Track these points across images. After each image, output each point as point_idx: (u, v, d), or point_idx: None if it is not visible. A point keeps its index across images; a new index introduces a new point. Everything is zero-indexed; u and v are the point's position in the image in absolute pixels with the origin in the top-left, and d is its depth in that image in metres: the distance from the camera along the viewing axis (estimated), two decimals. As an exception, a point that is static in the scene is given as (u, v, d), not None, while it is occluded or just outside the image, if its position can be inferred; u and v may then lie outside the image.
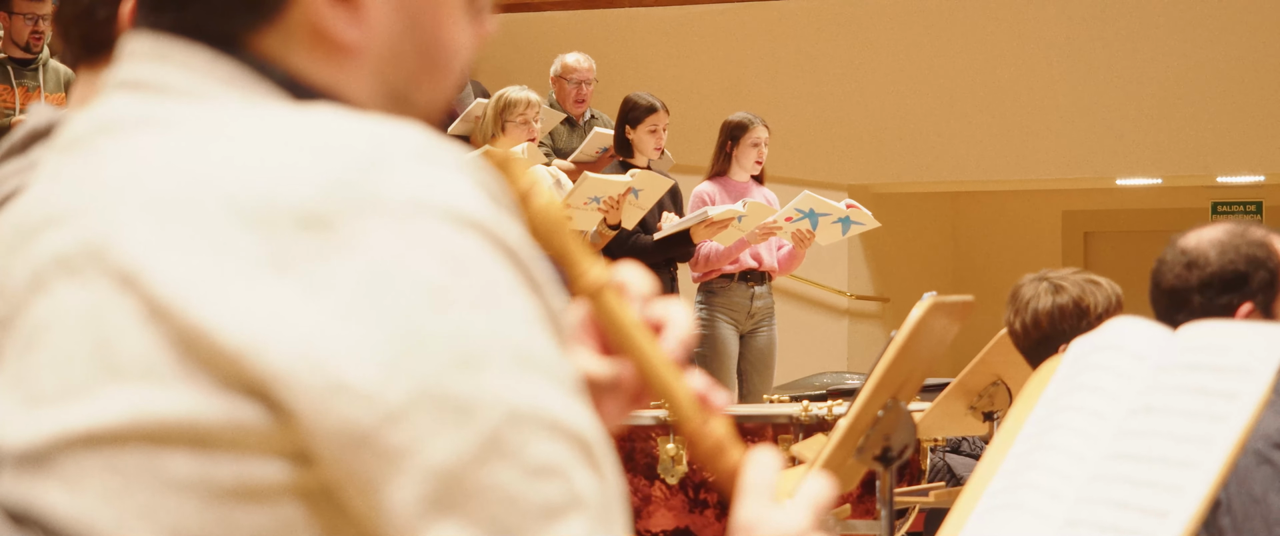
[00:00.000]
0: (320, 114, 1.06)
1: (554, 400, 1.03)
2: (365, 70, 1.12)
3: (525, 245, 1.06)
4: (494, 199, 1.05)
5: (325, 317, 0.99)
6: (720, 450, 1.21)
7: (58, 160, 1.12)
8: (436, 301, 1.00)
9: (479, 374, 1.01)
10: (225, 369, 1.00)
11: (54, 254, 1.06)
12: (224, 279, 1.00)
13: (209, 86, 1.09)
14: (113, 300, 1.03)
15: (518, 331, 1.03)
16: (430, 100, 1.16)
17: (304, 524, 1.02)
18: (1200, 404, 1.65)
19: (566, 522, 1.02)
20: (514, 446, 1.01)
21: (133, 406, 1.02)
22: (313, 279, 1.00)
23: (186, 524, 1.01)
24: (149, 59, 1.11)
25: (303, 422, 1.00)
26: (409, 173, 1.02)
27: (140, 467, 1.02)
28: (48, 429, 1.04)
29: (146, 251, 1.02)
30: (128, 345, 1.02)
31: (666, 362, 1.22)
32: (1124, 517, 1.62)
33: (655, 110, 7.47)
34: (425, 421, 0.99)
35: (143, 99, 1.10)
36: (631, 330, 1.22)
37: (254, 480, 1.01)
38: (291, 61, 1.11)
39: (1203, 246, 2.93)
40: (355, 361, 0.99)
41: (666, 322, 1.24)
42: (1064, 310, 3.76)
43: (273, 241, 1.00)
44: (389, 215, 1.01)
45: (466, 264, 1.02)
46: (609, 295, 1.22)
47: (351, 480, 1.00)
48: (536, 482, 1.01)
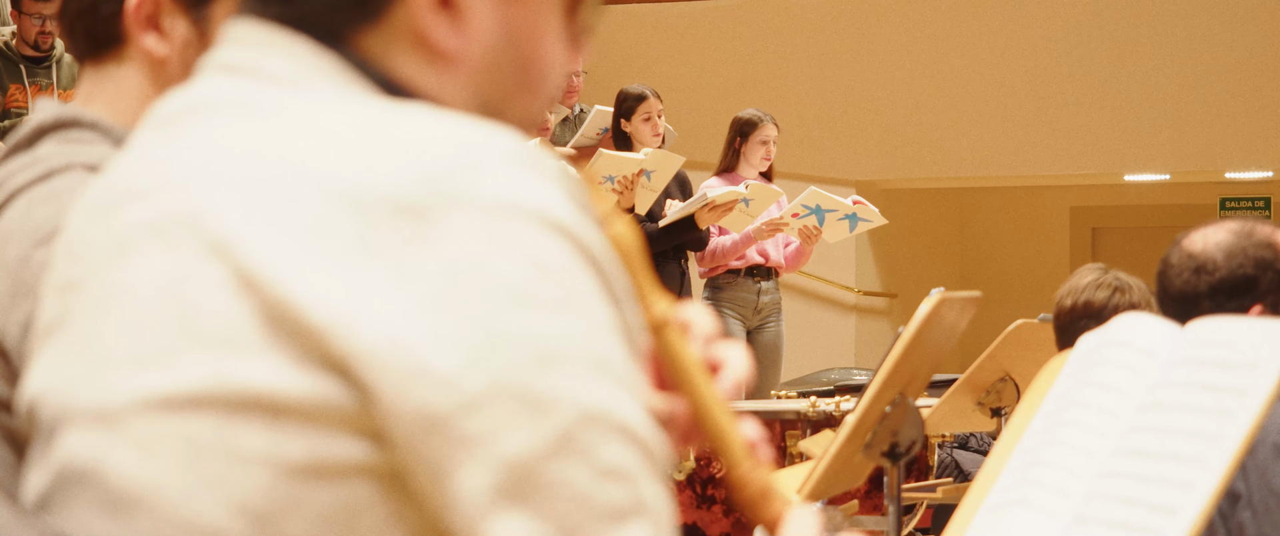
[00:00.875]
0: (418, 110, 1.08)
1: (626, 406, 1.05)
2: (461, 79, 1.15)
3: (608, 255, 1.08)
4: (581, 208, 1.07)
5: (413, 303, 1.02)
6: (764, 498, 1.23)
7: (149, 136, 1.14)
8: (520, 299, 1.03)
9: (556, 372, 1.03)
10: (310, 343, 1.02)
11: (142, 221, 1.08)
12: (317, 256, 1.03)
13: (309, 76, 1.11)
14: (201, 267, 1.05)
15: (595, 336, 1.05)
16: (521, 115, 1.19)
17: (370, 505, 1.04)
18: (1209, 400, 1.65)
19: (630, 526, 1.04)
20: (585, 445, 1.03)
21: (213, 373, 1.03)
22: (403, 265, 1.02)
23: (253, 497, 1.03)
24: (252, 45, 1.13)
25: (381, 403, 1.01)
26: (504, 174, 1.05)
27: (213, 436, 1.03)
28: (124, 390, 1.05)
29: (241, 224, 1.04)
30: (212, 312, 1.04)
31: (721, 404, 1.24)
32: (1133, 514, 1.62)
33: (645, 98, 7.45)
34: (501, 413, 1.02)
35: (241, 82, 1.12)
36: (690, 369, 1.24)
37: (325, 457, 1.03)
38: (391, 63, 1.13)
39: (1210, 250, 2.91)
40: (438, 348, 1.01)
41: (724, 364, 1.27)
42: (1117, 308, 3.76)
43: (367, 226, 1.03)
44: (481, 212, 1.03)
45: (551, 266, 1.04)
46: (671, 332, 1.24)
47: (423, 464, 1.02)
48: (605, 484, 1.04)
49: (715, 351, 1.28)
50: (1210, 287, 2.90)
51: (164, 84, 1.77)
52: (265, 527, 1.03)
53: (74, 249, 1.14)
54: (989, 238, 12.28)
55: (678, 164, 7.18)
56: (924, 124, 10.30)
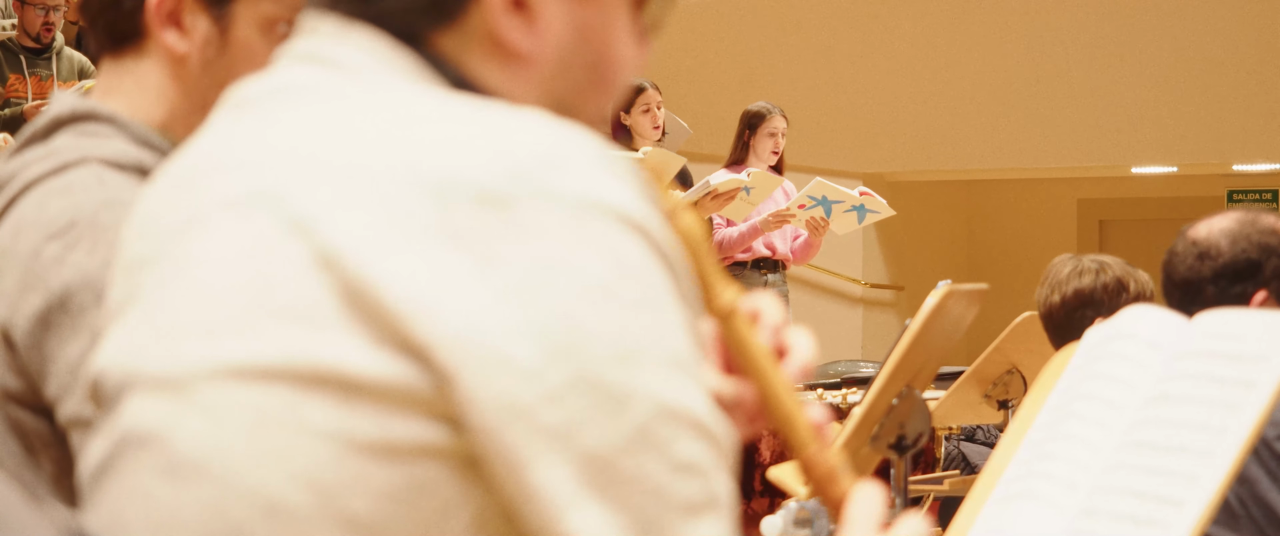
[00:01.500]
0: (501, 107, 1.10)
1: (699, 402, 1.07)
2: (534, 79, 1.17)
3: (679, 254, 1.10)
4: (656, 209, 1.09)
5: (496, 294, 1.03)
6: (832, 479, 1.25)
7: (228, 117, 1.16)
8: (602, 295, 1.04)
9: (635, 368, 1.05)
10: (388, 326, 1.03)
11: (222, 197, 1.10)
12: (399, 241, 1.04)
13: (387, 71, 1.12)
14: (281, 242, 1.06)
15: (671, 334, 1.07)
16: (593, 113, 1.21)
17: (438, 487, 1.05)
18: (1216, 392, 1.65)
19: (705, 519, 1.06)
20: (663, 440, 1.05)
21: (287, 346, 1.05)
22: (486, 255, 1.03)
23: (319, 470, 1.04)
24: (331, 37, 1.15)
25: (461, 390, 1.03)
26: (586, 173, 1.06)
27: (283, 408, 1.04)
28: (195, 358, 1.07)
29: (323, 204, 1.06)
30: (291, 287, 1.05)
31: (788, 389, 1.26)
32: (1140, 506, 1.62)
33: (644, 90, 7.43)
34: (582, 405, 1.03)
35: (320, 71, 1.13)
36: (757, 355, 1.26)
37: (394, 437, 1.04)
38: (466, 63, 1.15)
39: (1214, 236, 2.93)
40: (520, 338, 1.03)
41: (790, 349, 1.29)
42: (1107, 286, 3.78)
43: (450, 214, 1.04)
44: (564, 208, 1.05)
45: (631, 265, 1.06)
46: (739, 319, 1.26)
47: (501, 454, 1.03)
48: (681, 478, 1.05)
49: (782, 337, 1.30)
50: (1213, 273, 2.91)
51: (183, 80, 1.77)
52: (329, 501, 1.04)
53: (145, 227, 1.16)
54: (996, 230, 12.27)
55: (679, 164, 7.18)
56: (931, 116, 10.29)
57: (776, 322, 1.30)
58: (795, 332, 1.30)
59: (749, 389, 1.26)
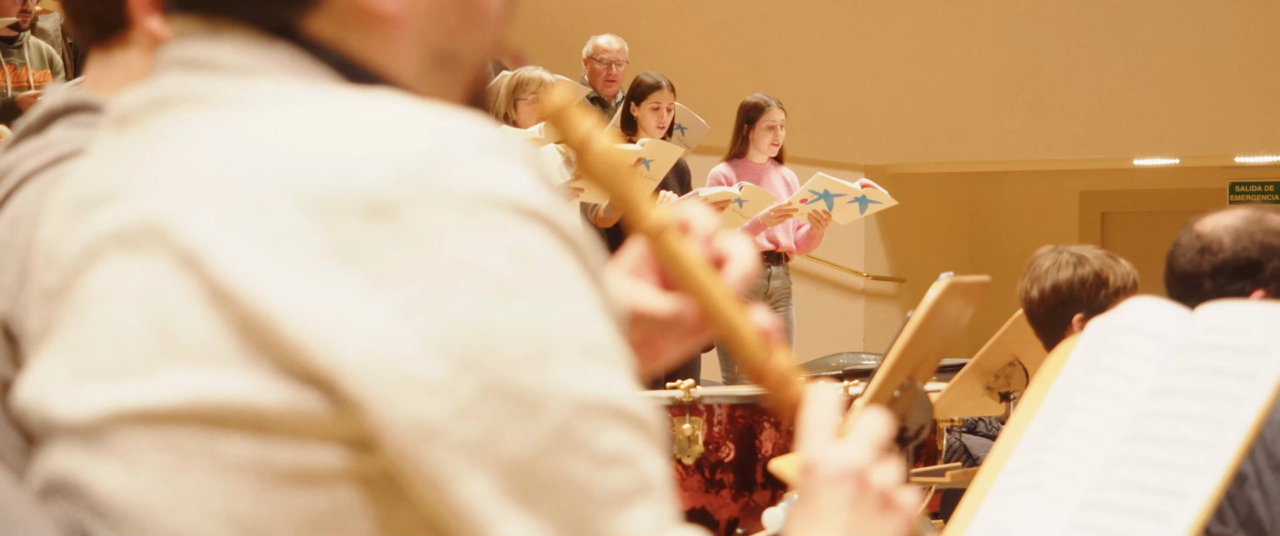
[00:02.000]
0: (383, 102, 1.06)
1: (619, 387, 1.05)
2: (410, 36, 1.13)
3: (583, 233, 1.07)
4: (555, 190, 1.06)
5: (393, 311, 1.00)
6: (784, 383, 1.24)
7: (112, 135, 1.12)
8: (504, 295, 1.01)
9: (547, 366, 1.02)
10: (288, 357, 1.00)
11: (111, 228, 1.06)
12: (290, 267, 1.00)
13: (264, 67, 1.09)
14: (173, 279, 1.03)
15: (583, 322, 1.04)
16: (477, 49, 1.17)
17: (359, 509, 1.03)
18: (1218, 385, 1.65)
19: (637, 508, 1.04)
20: (584, 437, 1.02)
21: (193, 387, 1.02)
22: (380, 271, 1.00)
23: (241, 506, 1.02)
24: (202, 39, 1.11)
25: (370, 416, 1.00)
26: (474, 165, 1.03)
27: (197, 448, 1.02)
28: (103, 403, 1.04)
29: (210, 234, 1.02)
30: (188, 326, 1.02)
31: (728, 298, 1.24)
32: (1142, 499, 1.62)
33: (659, 88, 7.46)
34: (496, 415, 1.01)
35: (198, 77, 1.10)
36: (692, 267, 1.23)
37: (311, 465, 1.02)
38: (341, 41, 1.11)
39: (1218, 232, 2.92)
40: (424, 355, 1.00)
41: (729, 258, 1.26)
42: (1084, 281, 3.77)
43: (338, 231, 1.01)
44: (455, 208, 1.01)
45: (532, 256, 1.03)
46: (670, 235, 1.23)
47: (421, 474, 1.01)
48: (606, 471, 1.03)
49: (718, 246, 1.26)
50: (1213, 268, 2.91)
51: None
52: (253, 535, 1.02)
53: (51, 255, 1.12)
54: (998, 222, 12.27)
55: (677, 154, 7.18)
56: (933, 108, 10.29)
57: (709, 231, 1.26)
58: (732, 239, 1.27)
59: (689, 303, 1.24)
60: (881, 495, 1.20)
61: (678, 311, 1.25)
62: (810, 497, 1.19)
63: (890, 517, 1.20)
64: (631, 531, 1.04)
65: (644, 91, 7.48)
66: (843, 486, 1.19)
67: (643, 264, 1.27)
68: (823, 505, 1.18)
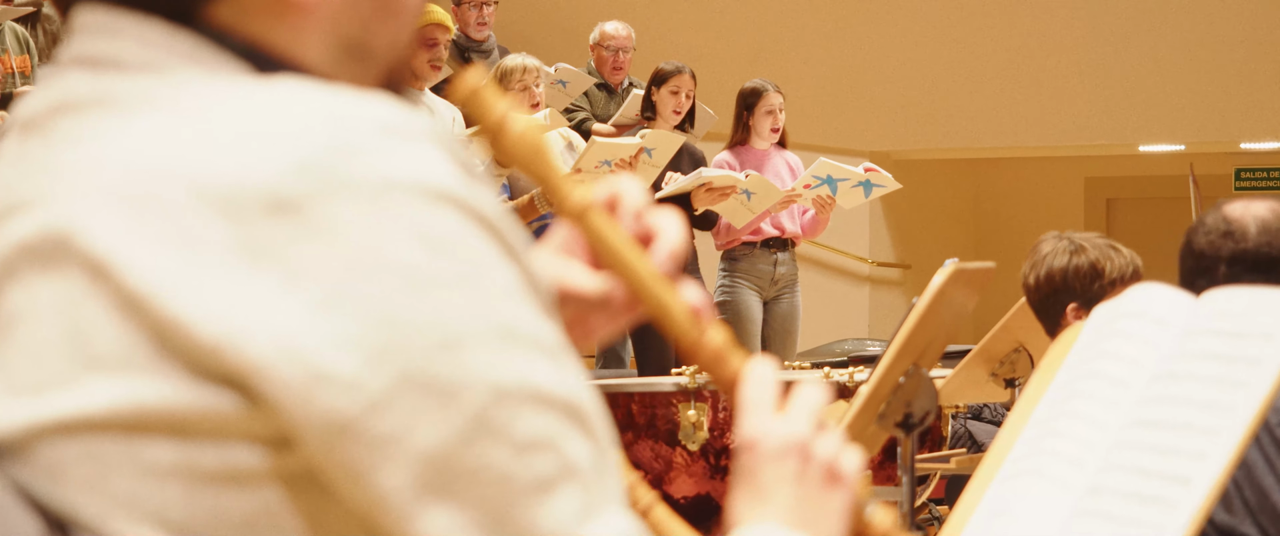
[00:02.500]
0: (284, 90, 1.04)
1: (539, 371, 1.03)
2: (320, 24, 1.10)
3: (499, 211, 1.04)
4: (465, 168, 1.04)
5: (302, 307, 0.98)
6: (720, 359, 1.22)
7: (16, 142, 1.10)
8: (414, 283, 0.99)
9: (462, 354, 1.00)
10: (202, 360, 0.99)
11: (21, 243, 1.04)
12: (196, 270, 0.99)
13: (167, 60, 1.07)
14: (85, 290, 1.01)
15: (499, 305, 1.02)
16: (391, 41, 1.14)
17: (288, 507, 1.02)
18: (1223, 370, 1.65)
19: (559, 493, 1.02)
20: (501, 424, 1.01)
21: (110, 395, 1.01)
22: (288, 266, 0.99)
23: (169, 510, 1.01)
24: (103, 33, 1.09)
25: (286, 413, 0.99)
26: (377, 150, 1.01)
27: (120, 455, 1.01)
28: (25, 418, 1.03)
29: (116, 242, 1.01)
30: (103, 336, 1.01)
31: (656, 276, 1.21)
32: (1146, 484, 1.62)
33: (679, 73, 7.51)
34: (410, 407, 0.99)
35: (98, 76, 1.08)
36: (618, 247, 1.22)
37: (236, 466, 1.01)
38: (246, 28, 1.09)
39: (1244, 219, 2.90)
40: (336, 350, 0.98)
41: (657, 234, 1.24)
42: (1079, 270, 3.77)
43: (243, 229, 0.99)
44: (360, 196, 0.99)
45: (443, 241, 1.01)
46: (593, 215, 1.21)
47: (340, 468, 1.00)
48: (526, 458, 1.01)
49: (647, 222, 1.24)
50: (1232, 254, 2.89)
51: None
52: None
53: None
54: (1003, 208, 12.26)
55: (677, 143, 7.18)
56: (938, 94, 10.28)
57: (639, 207, 1.24)
58: (662, 215, 1.24)
59: (616, 283, 1.22)
60: (826, 467, 1.17)
61: (607, 290, 1.22)
62: (753, 474, 1.17)
63: (836, 490, 1.18)
64: (554, 518, 1.02)
65: (665, 76, 7.54)
66: (785, 461, 1.17)
67: (573, 242, 1.25)
68: (766, 481, 1.17)
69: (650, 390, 5.30)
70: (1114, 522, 1.63)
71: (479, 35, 8.40)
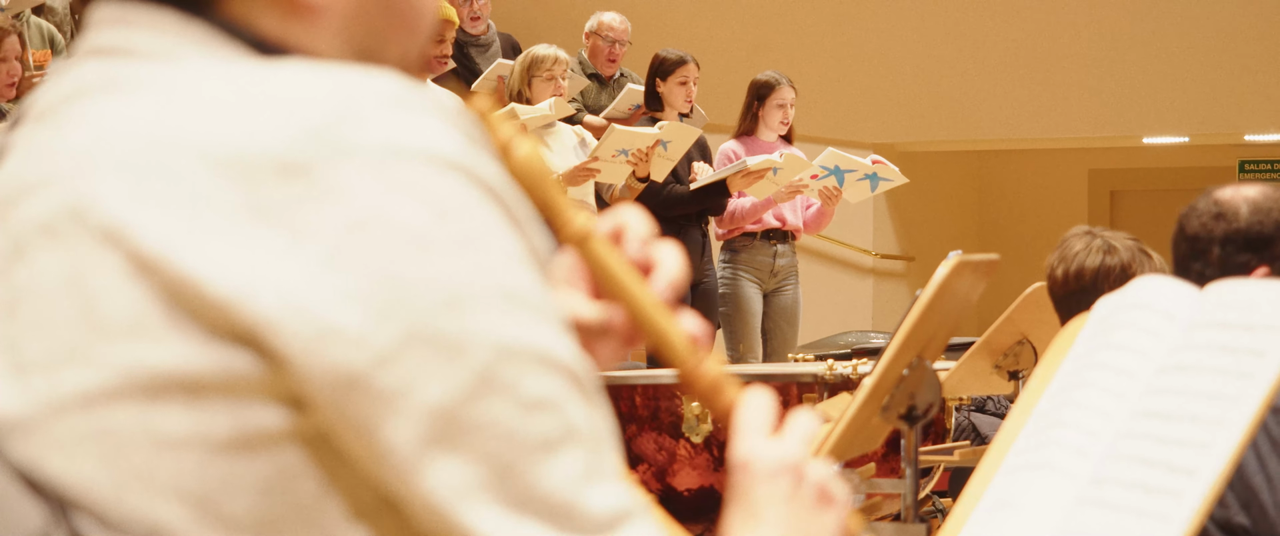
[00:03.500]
0: (291, 66, 1.06)
1: (543, 335, 1.04)
2: (331, 29, 1.12)
3: (504, 182, 1.06)
4: (470, 139, 1.05)
5: (311, 264, 1.00)
6: (717, 389, 1.23)
7: (30, 131, 1.12)
8: (420, 244, 1.01)
9: (467, 313, 1.02)
10: (214, 318, 1.01)
11: (34, 220, 1.06)
12: (207, 229, 1.01)
13: (179, 47, 1.09)
14: (96, 258, 1.03)
15: (503, 269, 1.04)
16: (401, 54, 1.16)
17: (304, 470, 1.03)
18: (1228, 361, 1.65)
19: (563, 454, 1.04)
20: (506, 381, 1.02)
21: (123, 363, 1.02)
22: (296, 226, 1.00)
23: (185, 481, 1.02)
24: (116, 25, 1.11)
25: (295, 368, 1.00)
26: (384, 118, 1.03)
27: (134, 427, 1.02)
28: (39, 395, 1.04)
29: (127, 208, 1.02)
30: (114, 303, 1.02)
31: (656, 305, 1.23)
32: (1151, 475, 1.62)
33: (685, 63, 7.49)
34: (416, 362, 1.01)
35: (110, 64, 1.09)
36: (619, 275, 1.23)
37: (250, 429, 1.02)
38: (258, 24, 1.10)
39: (1236, 201, 2.92)
40: (343, 306, 1.00)
41: (657, 264, 1.25)
42: (1110, 271, 3.74)
43: (252, 191, 1.01)
44: (366, 160, 1.01)
45: (447, 205, 1.02)
46: (594, 242, 1.23)
47: (347, 424, 1.01)
48: (531, 416, 1.03)
49: (649, 252, 1.26)
50: (1224, 235, 2.91)
51: None
52: (205, 511, 1.02)
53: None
54: (1007, 200, 12.26)
55: (694, 137, 7.20)
56: (942, 86, 10.28)
57: (642, 236, 1.26)
58: (663, 246, 1.26)
59: (617, 311, 1.23)
60: (818, 489, 1.19)
61: (607, 319, 1.24)
62: (745, 494, 1.18)
63: (827, 512, 1.19)
64: (558, 477, 1.03)
65: (670, 67, 7.49)
66: (778, 482, 1.18)
67: (573, 272, 1.26)
68: (759, 501, 1.18)
69: (653, 382, 5.30)
70: (1119, 513, 1.63)
71: (474, 30, 8.38)
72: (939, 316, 3.33)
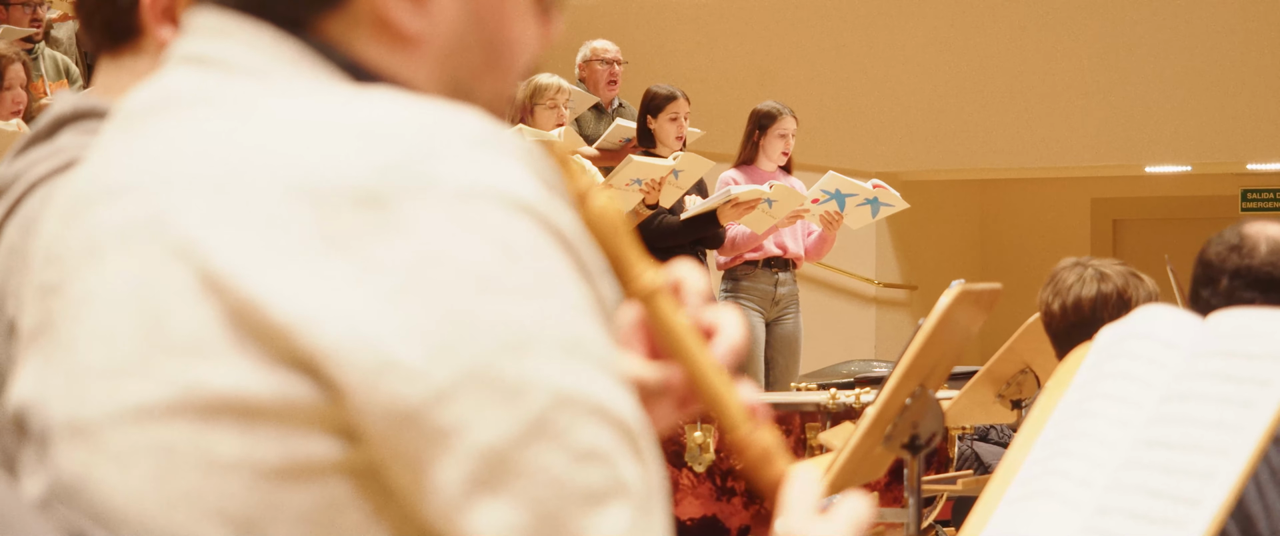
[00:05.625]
0: (379, 96, 1.07)
1: (601, 387, 1.04)
2: (428, 61, 1.13)
3: (577, 232, 1.06)
4: (548, 185, 1.05)
5: (377, 296, 1.00)
6: (766, 460, 1.22)
7: (116, 133, 1.13)
8: (487, 285, 1.01)
9: (527, 357, 1.01)
10: (276, 343, 1.01)
11: (111, 225, 1.07)
12: (278, 254, 1.01)
13: (272, 65, 1.09)
14: (165, 272, 1.03)
15: (567, 318, 1.03)
16: (493, 94, 1.17)
17: (351, 503, 1.03)
18: (1232, 390, 1.64)
19: (610, 508, 1.03)
20: (560, 429, 1.02)
21: (183, 381, 1.02)
22: (366, 258, 1.01)
23: (232, 505, 1.02)
24: (214, 34, 1.11)
25: (351, 399, 1.00)
26: (465, 157, 1.03)
27: (188, 446, 1.02)
28: (99, 403, 1.04)
29: (202, 225, 1.03)
30: (179, 318, 1.02)
31: (716, 369, 1.22)
32: (1155, 505, 1.61)
33: (675, 98, 7.47)
34: (473, 401, 1.00)
35: (204, 74, 1.10)
36: (682, 336, 1.22)
37: (301, 458, 1.02)
38: (354, 48, 1.11)
39: (1257, 237, 2.92)
40: (405, 340, 1.00)
41: (718, 329, 1.25)
42: (1107, 299, 3.73)
43: (327, 219, 1.01)
44: (443, 198, 1.01)
45: (518, 249, 1.02)
46: (661, 300, 1.22)
47: (398, 459, 1.01)
48: (582, 467, 1.02)
49: (709, 315, 1.25)
50: (1236, 268, 2.91)
51: None
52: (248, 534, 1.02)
53: (51, 250, 1.13)
54: (1010, 229, 12.26)
55: (706, 166, 7.21)
56: (944, 115, 10.29)
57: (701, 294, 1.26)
58: (724, 312, 1.26)
59: (676, 372, 1.23)
60: None
61: (666, 380, 1.23)
62: None
63: None
64: (604, 530, 1.03)
65: (660, 103, 7.48)
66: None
67: (632, 330, 1.26)
68: None
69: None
70: (1122, 544, 1.62)
71: None
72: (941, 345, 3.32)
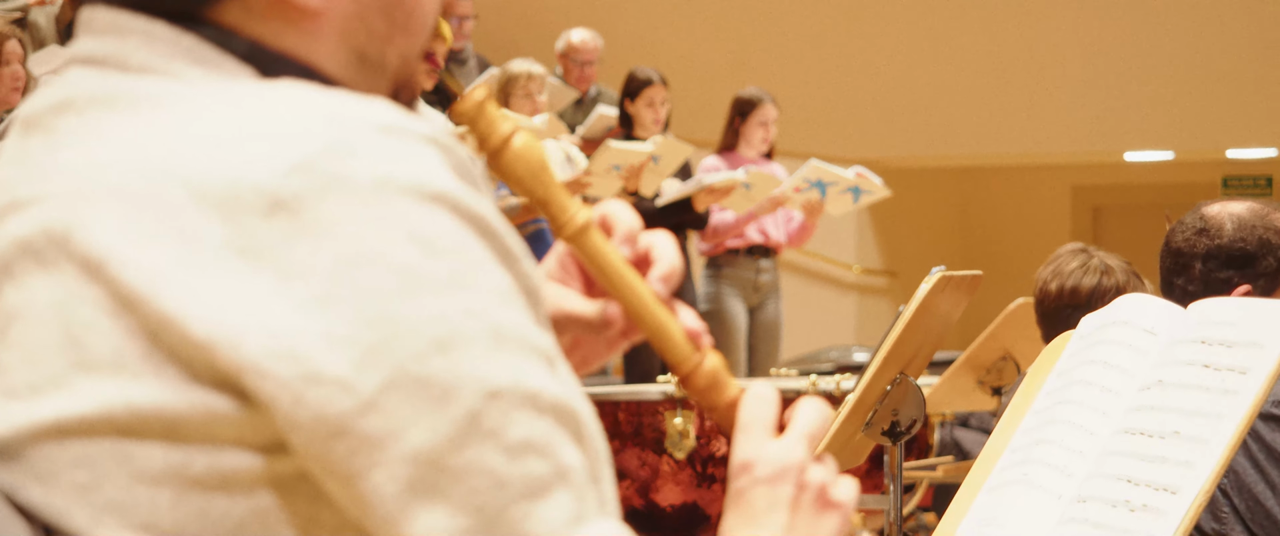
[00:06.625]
0: (283, 92, 1.04)
1: (533, 375, 1.02)
2: (330, 33, 1.11)
3: (495, 216, 1.04)
4: (462, 171, 1.04)
5: (296, 306, 0.98)
6: (716, 385, 1.21)
7: (18, 141, 1.10)
8: (408, 284, 0.99)
9: (454, 355, 0.99)
10: (195, 360, 0.99)
11: (19, 240, 1.04)
12: (191, 268, 0.99)
13: (170, 61, 1.07)
14: (80, 290, 1.01)
15: (492, 308, 1.01)
16: (402, 59, 1.15)
17: (279, 512, 1.01)
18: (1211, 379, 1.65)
19: (551, 498, 1.02)
20: (494, 426, 1.00)
21: (103, 398, 1.00)
22: (282, 266, 0.98)
23: (160, 517, 1.00)
24: (107, 33, 1.09)
25: (278, 413, 0.98)
26: (373, 150, 1.01)
27: (111, 460, 1.00)
28: (18, 421, 1.02)
29: (112, 239, 1.00)
30: (96, 336, 1.00)
31: (654, 300, 1.21)
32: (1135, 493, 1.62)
33: (651, 83, 7.46)
34: (402, 407, 0.98)
35: (102, 76, 1.08)
36: (618, 269, 1.21)
37: (228, 470, 1.00)
38: (253, 30, 1.09)
39: (1221, 217, 2.93)
40: (329, 351, 0.98)
41: (652, 257, 1.23)
42: (1105, 293, 3.73)
43: (238, 228, 0.99)
44: (355, 196, 0.99)
45: (436, 242, 1.00)
46: (593, 235, 1.21)
47: (331, 471, 0.99)
48: (519, 460, 1.01)
49: (642, 246, 1.24)
50: (1207, 251, 2.91)
51: None
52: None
53: None
54: (990, 216, 12.27)
55: (686, 153, 7.21)
56: (925, 102, 10.29)
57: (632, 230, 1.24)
58: (656, 238, 1.24)
59: (615, 306, 1.22)
60: (819, 493, 1.16)
61: (605, 314, 1.22)
62: (746, 497, 1.15)
63: (829, 515, 1.16)
64: (545, 523, 1.01)
65: (638, 87, 7.48)
66: (780, 485, 1.15)
67: (568, 265, 1.25)
68: (759, 504, 1.15)
69: (636, 398, 5.29)
70: (1102, 530, 1.62)
71: (456, 45, 8.39)
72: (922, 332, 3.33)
